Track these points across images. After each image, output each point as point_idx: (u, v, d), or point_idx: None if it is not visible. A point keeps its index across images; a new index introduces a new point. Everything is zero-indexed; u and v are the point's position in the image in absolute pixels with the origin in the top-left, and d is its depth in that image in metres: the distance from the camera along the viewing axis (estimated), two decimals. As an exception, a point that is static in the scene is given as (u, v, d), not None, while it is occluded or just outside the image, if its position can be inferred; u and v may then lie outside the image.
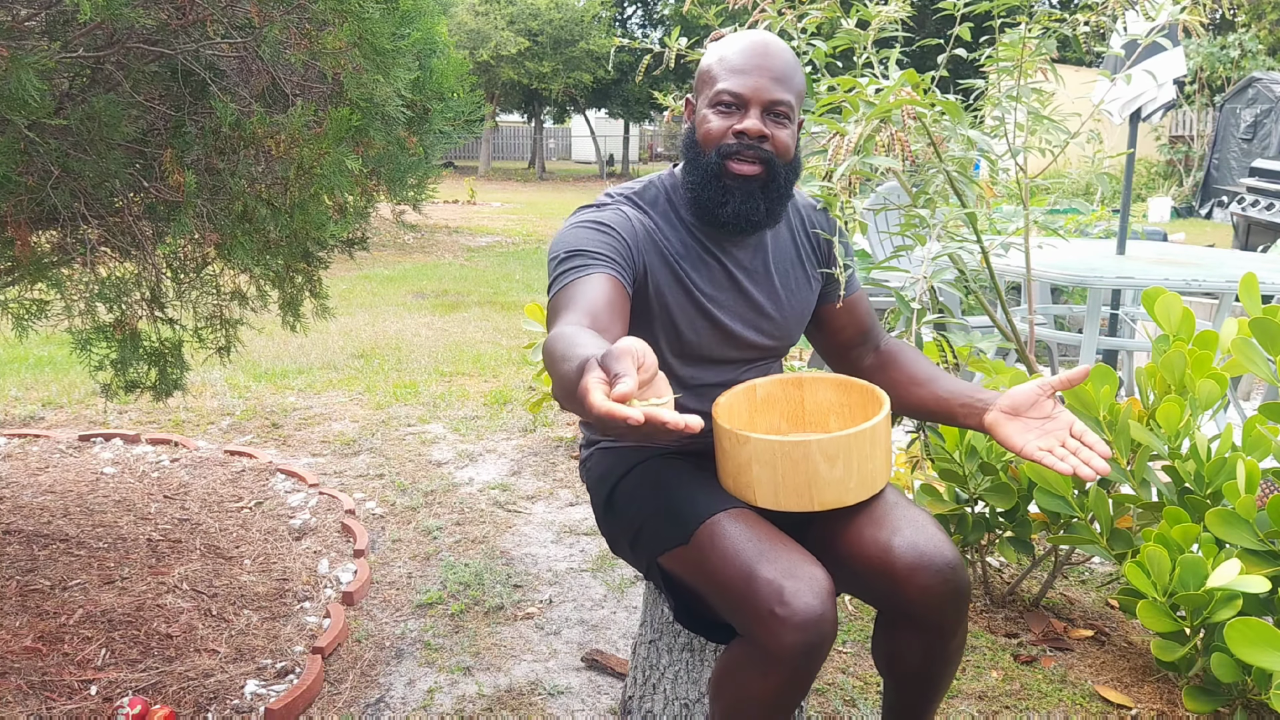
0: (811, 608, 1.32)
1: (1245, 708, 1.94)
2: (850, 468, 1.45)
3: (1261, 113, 12.76)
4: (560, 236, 1.50)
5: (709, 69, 1.54)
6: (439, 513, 3.10)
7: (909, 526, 1.47)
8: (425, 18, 2.32)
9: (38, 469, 3.30)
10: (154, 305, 2.55)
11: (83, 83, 2.00)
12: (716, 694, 1.45)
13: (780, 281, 1.66)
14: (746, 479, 1.47)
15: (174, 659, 2.14)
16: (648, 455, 1.65)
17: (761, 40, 1.53)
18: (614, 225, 1.50)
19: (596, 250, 1.45)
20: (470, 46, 21.31)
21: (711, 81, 1.52)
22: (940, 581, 1.43)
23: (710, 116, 1.51)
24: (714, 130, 1.51)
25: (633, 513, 1.59)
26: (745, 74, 1.49)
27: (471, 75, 2.86)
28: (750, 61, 1.50)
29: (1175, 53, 3.70)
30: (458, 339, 5.80)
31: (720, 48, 1.55)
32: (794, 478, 1.43)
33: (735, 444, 1.46)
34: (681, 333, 1.59)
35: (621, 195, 1.61)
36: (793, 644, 1.31)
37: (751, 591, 1.35)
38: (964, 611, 1.48)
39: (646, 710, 1.76)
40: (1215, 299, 4.47)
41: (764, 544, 1.40)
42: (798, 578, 1.34)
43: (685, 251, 1.59)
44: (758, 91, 1.49)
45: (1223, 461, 2.00)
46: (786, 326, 1.68)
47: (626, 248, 1.49)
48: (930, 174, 2.26)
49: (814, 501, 1.45)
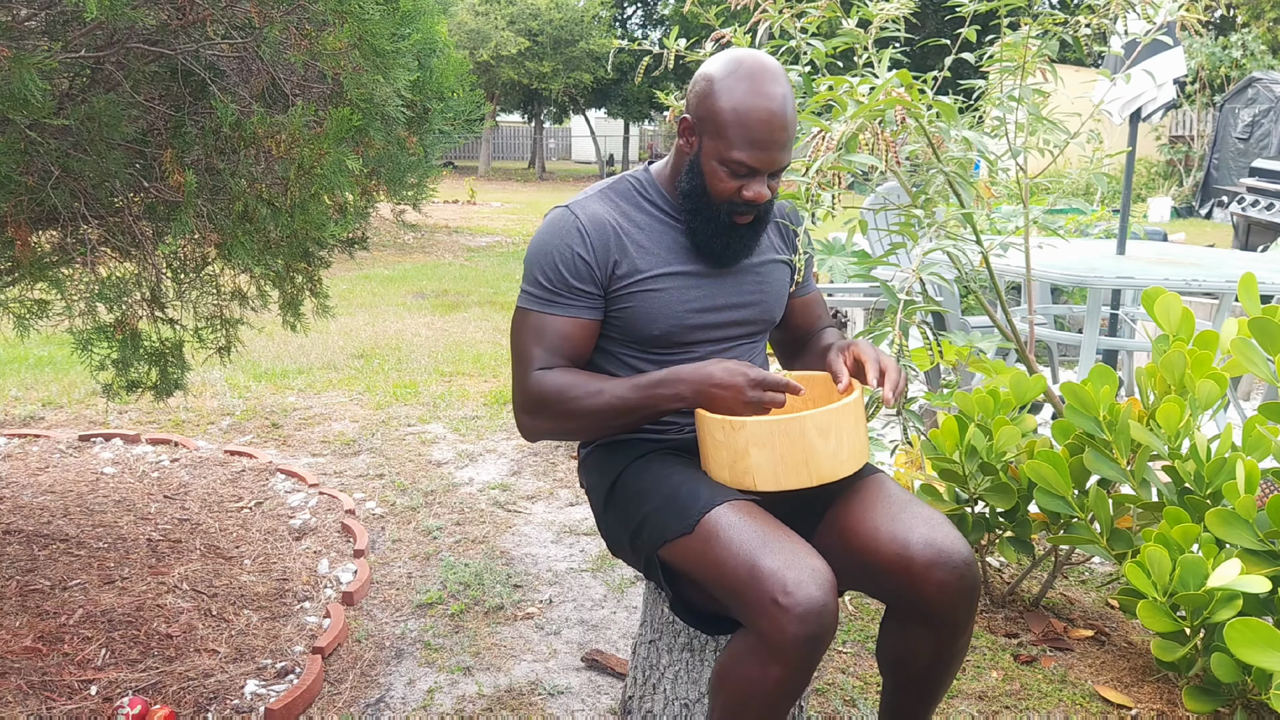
0: (814, 598, 1.34)
1: (1245, 708, 1.94)
2: (842, 440, 1.49)
3: (1261, 113, 12.76)
4: (537, 252, 1.64)
5: (722, 120, 1.55)
6: (439, 513, 3.10)
7: (925, 523, 1.50)
8: (425, 18, 2.32)
9: (38, 469, 3.30)
10: (154, 305, 2.55)
11: (83, 83, 2.00)
12: (718, 687, 1.46)
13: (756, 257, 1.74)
14: (744, 465, 1.49)
15: (174, 659, 2.14)
16: (646, 450, 1.68)
17: (779, 103, 1.54)
18: (580, 252, 1.61)
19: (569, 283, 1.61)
20: (470, 46, 21.31)
21: (725, 139, 1.55)
22: (957, 578, 1.46)
23: (722, 175, 1.58)
24: (725, 190, 1.59)
25: (634, 506, 1.60)
26: (762, 149, 1.54)
27: (471, 75, 2.86)
28: (768, 135, 1.54)
29: (1175, 52, 3.70)
30: (458, 339, 5.80)
31: (731, 95, 1.54)
32: (792, 455, 1.47)
33: (730, 431, 1.49)
34: (658, 318, 1.64)
35: (593, 193, 1.70)
36: (795, 634, 1.33)
37: (755, 581, 1.37)
38: (975, 608, 1.52)
39: (646, 710, 1.76)
40: (1215, 299, 4.47)
41: (767, 535, 1.42)
42: (800, 568, 1.36)
43: (655, 236, 1.67)
44: (771, 164, 1.57)
45: (1222, 461, 2.00)
46: (765, 299, 1.74)
47: (592, 269, 1.61)
48: (930, 174, 2.26)
49: (812, 476, 1.48)
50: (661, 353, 1.67)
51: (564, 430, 1.62)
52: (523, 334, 1.64)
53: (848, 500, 1.59)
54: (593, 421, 1.59)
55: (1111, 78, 2.69)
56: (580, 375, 1.60)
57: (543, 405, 1.60)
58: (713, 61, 1.60)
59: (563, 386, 1.58)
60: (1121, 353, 4.33)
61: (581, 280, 1.61)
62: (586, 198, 1.68)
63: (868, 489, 1.59)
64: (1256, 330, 1.99)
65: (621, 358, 1.69)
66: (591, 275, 1.61)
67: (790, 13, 2.42)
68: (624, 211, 1.67)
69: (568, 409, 1.58)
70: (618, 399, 1.56)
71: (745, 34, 2.40)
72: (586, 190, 1.70)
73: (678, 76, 25.24)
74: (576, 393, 1.57)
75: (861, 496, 1.58)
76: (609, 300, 1.64)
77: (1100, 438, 2.15)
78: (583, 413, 1.57)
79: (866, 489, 1.59)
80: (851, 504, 1.57)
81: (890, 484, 1.60)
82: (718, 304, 1.68)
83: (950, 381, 2.94)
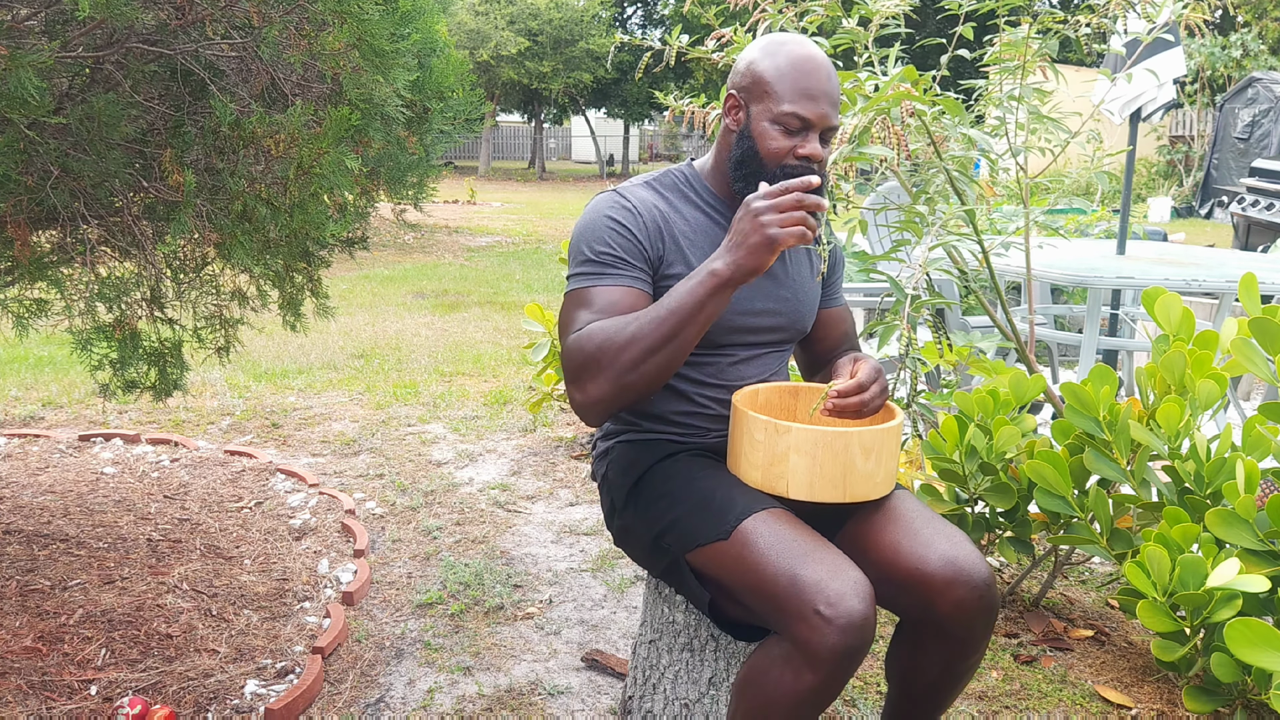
0: (856, 610, 1.33)
1: (1245, 708, 1.94)
2: (881, 462, 1.49)
3: (1261, 113, 12.75)
4: (584, 230, 1.58)
5: (767, 81, 1.54)
6: (439, 513, 3.10)
7: (945, 541, 1.49)
8: (425, 18, 2.32)
9: (38, 469, 3.30)
10: (154, 305, 2.55)
11: (82, 82, 2.00)
12: (741, 693, 1.45)
13: (791, 264, 1.73)
14: (780, 469, 1.48)
15: (174, 659, 2.14)
16: (672, 450, 1.66)
17: (822, 61, 1.54)
18: (631, 226, 1.56)
19: (619, 255, 1.54)
20: (470, 46, 21.31)
21: (775, 96, 1.53)
22: (976, 598, 1.46)
23: (775, 133, 1.54)
24: (779, 149, 1.54)
25: (662, 508, 1.58)
26: (814, 100, 1.52)
27: (471, 75, 2.86)
28: (818, 86, 1.52)
29: (1175, 52, 3.70)
30: (458, 339, 5.80)
31: (775, 58, 1.54)
32: (832, 468, 1.46)
33: (772, 434, 1.48)
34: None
35: (638, 182, 1.67)
36: (834, 645, 1.32)
37: (795, 591, 1.36)
38: (991, 628, 1.51)
39: (646, 710, 1.76)
40: (1215, 299, 4.47)
41: (807, 545, 1.41)
42: (843, 580, 1.35)
43: (702, 231, 1.64)
44: (823, 118, 1.54)
45: (1222, 461, 2.00)
46: (798, 306, 1.72)
47: (642, 247, 1.56)
48: (931, 173, 2.26)
49: (846, 493, 1.48)
50: (696, 352, 1.64)
51: (619, 381, 1.43)
52: (569, 310, 1.53)
53: (869, 514, 1.58)
54: (645, 349, 1.41)
55: (1112, 77, 2.68)
56: (615, 319, 1.46)
57: (588, 362, 1.44)
58: (749, 47, 1.60)
59: (604, 328, 1.44)
60: (1121, 353, 4.33)
61: (632, 255, 1.55)
62: (633, 185, 1.65)
63: (888, 504, 1.58)
64: (1256, 330, 1.98)
65: None
66: (641, 252, 1.56)
67: (791, 12, 2.42)
68: (670, 203, 1.64)
69: (619, 343, 1.42)
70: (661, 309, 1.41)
71: (745, 33, 2.40)
72: (632, 180, 1.68)
73: (678, 76, 25.25)
74: (619, 325, 1.43)
75: (883, 511, 1.57)
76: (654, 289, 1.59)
77: (1100, 438, 2.15)
78: (634, 339, 1.41)
79: (887, 504, 1.58)
80: (873, 518, 1.57)
81: (912, 500, 1.60)
82: (755, 308, 1.66)
83: (950, 381, 2.94)
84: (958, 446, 2.30)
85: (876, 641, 2.36)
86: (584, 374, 1.45)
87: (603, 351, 1.43)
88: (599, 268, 1.53)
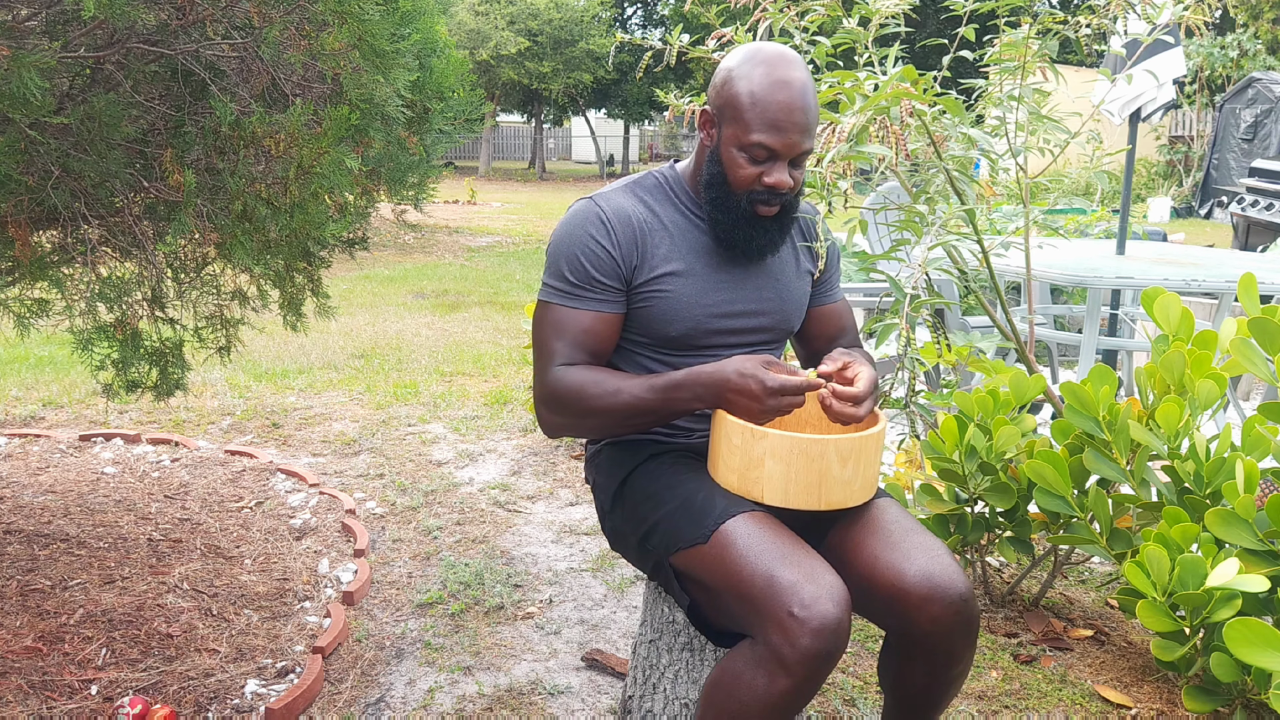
0: (829, 614, 1.33)
1: (1245, 708, 1.94)
2: (858, 470, 1.47)
3: (1261, 113, 12.75)
4: (562, 242, 1.62)
5: (740, 105, 1.54)
6: (439, 512, 3.10)
7: (923, 554, 1.47)
8: (425, 18, 2.33)
9: (38, 469, 3.30)
10: (154, 305, 2.55)
11: (83, 82, 2.01)
12: (710, 697, 1.44)
13: (775, 264, 1.72)
14: (756, 474, 1.47)
15: (174, 659, 2.14)
16: (656, 451, 1.67)
17: (798, 88, 1.53)
18: (606, 245, 1.60)
19: (594, 277, 1.59)
20: (470, 46, 21.30)
21: (743, 123, 1.53)
22: (952, 613, 1.44)
23: (741, 161, 1.56)
24: (746, 176, 1.57)
25: (645, 509, 1.59)
26: (781, 131, 1.52)
27: (471, 75, 2.86)
28: (786, 117, 1.52)
29: (1175, 52, 3.70)
30: (458, 339, 5.80)
31: (749, 80, 1.54)
32: (807, 475, 1.45)
33: (749, 439, 1.47)
34: (677, 318, 1.63)
35: (618, 188, 1.68)
36: (807, 648, 1.32)
37: (771, 592, 1.35)
38: (973, 641, 1.49)
39: (646, 710, 1.76)
40: (1215, 299, 4.47)
41: (785, 548, 1.41)
42: (818, 584, 1.35)
43: (682, 233, 1.65)
44: (791, 148, 1.54)
45: (1222, 461, 2.00)
46: (782, 305, 1.72)
47: (617, 264, 1.60)
48: (930, 173, 2.26)
49: (821, 500, 1.46)
50: (678, 354, 1.66)
51: (582, 428, 1.61)
52: (544, 327, 1.62)
53: (849, 524, 1.57)
54: (610, 421, 1.57)
55: (1112, 78, 2.69)
56: (600, 373, 1.58)
57: (562, 403, 1.58)
58: (732, 54, 1.60)
59: (582, 384, 1.56)
60: (1121, 353, 4.33)
61: (605, 274, 1.59)
62: (612, 191, 1.66)
63: (870, 514, 1.57)
64: (1256, 330, 1.99)
65: (637, 357, 1.68)
66: (615, 269, 1.60)
67: (792, 11, 2.42)
68: (649, 207, 1.65)
69: (586, 407, 1.56)
70: (636, 399, 1.54)
71: (746, 33, 2.40)
72: (612, 184, 1.69)
73: (678, 75, 25.24)
74: (595, 391, 1.55)
75: (864, 522, 1.55)
76: (630, 296, 1.62)
77: (1100, 438, 2.15)
78: (600, 411, 1.55)
79: (869, 514, 1.57)
80: (853, 528, 1.56)
81: (893, 510, 1.58)
82: (737, 309, 1.66)
83: (950, 381, 2.95)
84: (957, 446, 2.31)
85: (876, 643, 2.36)
86: (552, 405, 1.60)
87: (575, 401, 1.57)
88: (574, 288, 1.60)
